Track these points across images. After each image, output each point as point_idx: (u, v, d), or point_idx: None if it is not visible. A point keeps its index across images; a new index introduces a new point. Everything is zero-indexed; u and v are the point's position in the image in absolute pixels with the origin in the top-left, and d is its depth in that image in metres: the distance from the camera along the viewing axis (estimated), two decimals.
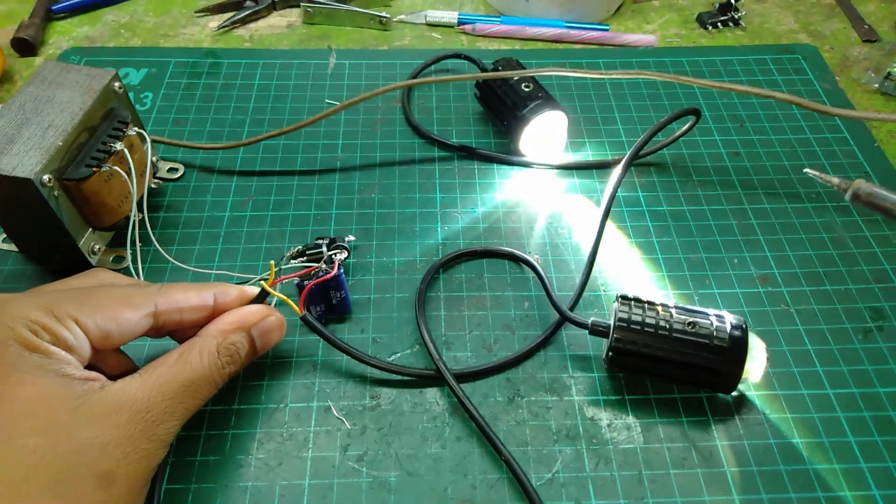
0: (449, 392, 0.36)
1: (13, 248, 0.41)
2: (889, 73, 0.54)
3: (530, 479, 0.32)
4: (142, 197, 0.39)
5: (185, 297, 0.32)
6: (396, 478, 0.33)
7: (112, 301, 0.29)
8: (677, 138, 0.47)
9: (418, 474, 0.33)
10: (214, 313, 0.33)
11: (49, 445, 0.25)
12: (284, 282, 0.36)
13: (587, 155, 0.49)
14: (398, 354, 0.38)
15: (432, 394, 0.36)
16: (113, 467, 0.26)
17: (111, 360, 0.32)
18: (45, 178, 0.34)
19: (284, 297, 0.34)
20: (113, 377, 0.28)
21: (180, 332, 0.33)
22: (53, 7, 0.59)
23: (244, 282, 0.37)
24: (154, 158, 0.44)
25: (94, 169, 0.36)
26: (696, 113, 0.44)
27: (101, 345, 0.29)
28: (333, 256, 0.37)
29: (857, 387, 0.37)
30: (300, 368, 0.37)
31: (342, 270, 0.37)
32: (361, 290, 0.40)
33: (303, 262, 0.38)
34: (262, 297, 0.34)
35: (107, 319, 0.28)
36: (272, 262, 0.35)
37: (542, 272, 0.40)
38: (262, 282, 0.34)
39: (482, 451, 0.34)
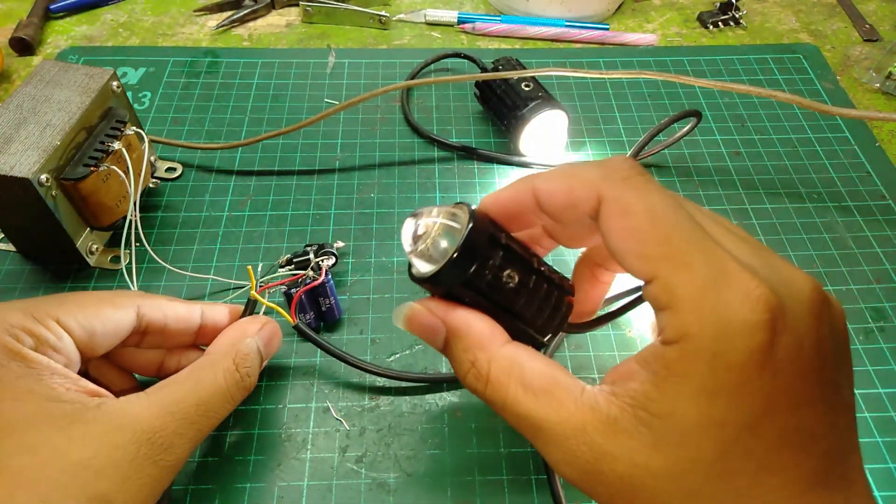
0: (449, 392, 0.36)
1: (11, 247, 0.41)
2: (890, 73, 0.54)
3: (531, 479, 0.32)
4: (139, 197, 0.39)
5: (171, 305, 0.31)
6: (395, 479, 0.33)
7: (93, 300, 0.29)
8: (678, 139, 0.47)
9: (418, 475, 0.33)
10: (202, 330, 0.32)
11: (36, 465, 0.23)
12: (273, 290, 0.36)
13: (588, 155, 0.49)
14: (397, 355, 0.37)
15: (432, 395, 0.36)
16: (110, 491, 0.23)
17: (112, 377, 0.31)
18: (43, 177, 0.34)
19: (275, 306, 0.34)
20: (115, 395, 0.26)
21: (164, 346, 0.32)
22: (52, 6, 0.59)
23: (227, 288, 0.37)
24: (152, 158, 0.44)
25: (92, 168, 0.36)
26: (697, 115, 0.44)
27: (87, 344, 0.27)
28: (320, 263, 0.37)
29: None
30: (299, 369, 0.37)
31: (330, 277, 0.37)
32: (360, 290, 0.40)
33: (290, 269, 0.37)
34: (251, 307, 0.34)
35: (89, 317, 0.27)
36: (249, 266, 0.34)
37: None
38: (252, 291, 0.34)
39: (482, 453, 0.34)
